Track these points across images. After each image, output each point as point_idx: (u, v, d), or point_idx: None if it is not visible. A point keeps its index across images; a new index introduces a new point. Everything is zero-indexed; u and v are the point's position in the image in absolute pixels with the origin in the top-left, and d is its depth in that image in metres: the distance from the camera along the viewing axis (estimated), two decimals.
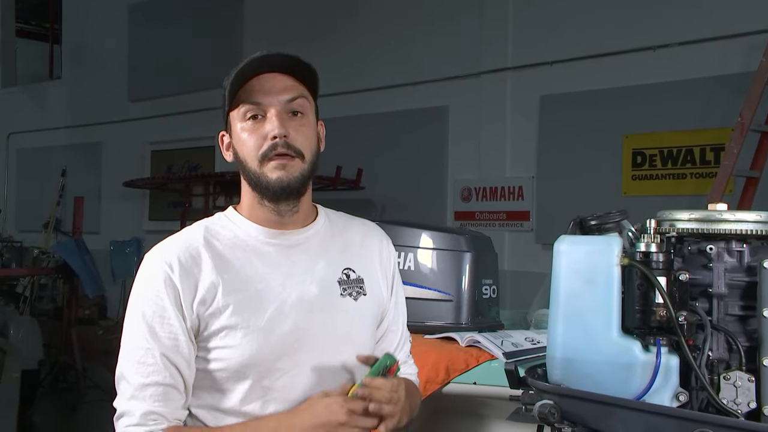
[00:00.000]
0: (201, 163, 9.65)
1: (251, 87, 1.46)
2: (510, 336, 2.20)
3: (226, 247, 1.48)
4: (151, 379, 1.39)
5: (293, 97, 1.47)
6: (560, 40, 6.58)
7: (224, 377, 1.43)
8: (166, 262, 1.43)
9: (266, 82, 1.46)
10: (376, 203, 7.76)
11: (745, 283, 1.25)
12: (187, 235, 1.50)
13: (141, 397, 1.38)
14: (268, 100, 1.45)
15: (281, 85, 1.47)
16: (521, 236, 6.87)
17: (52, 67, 13.29)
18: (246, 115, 1.46)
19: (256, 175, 1.46)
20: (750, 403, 1.20)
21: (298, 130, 1.46)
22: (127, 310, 1.46)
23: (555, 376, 1.32)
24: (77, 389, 7.00)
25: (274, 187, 1.45)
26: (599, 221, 1.35)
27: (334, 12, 8.17)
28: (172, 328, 1.41)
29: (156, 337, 1.40)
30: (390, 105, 7.66)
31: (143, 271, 1.46)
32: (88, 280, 7.01)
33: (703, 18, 5.80)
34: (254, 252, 1.49)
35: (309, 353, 1.46)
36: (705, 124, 5.79)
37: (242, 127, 1.47)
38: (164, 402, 1.39)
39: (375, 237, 1.66)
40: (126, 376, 1.41)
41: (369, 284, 1.57)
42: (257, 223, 1.51)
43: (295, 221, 1.53)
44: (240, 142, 1.48)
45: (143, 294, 1.44)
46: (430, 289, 2.33)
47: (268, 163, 1.45)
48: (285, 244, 1.51)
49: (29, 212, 11.65)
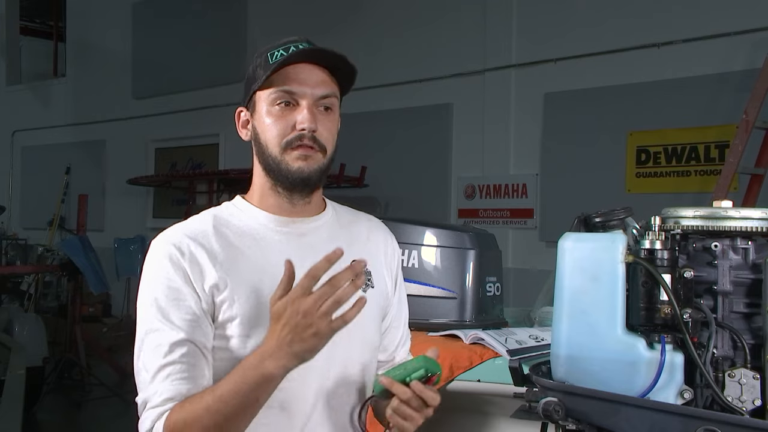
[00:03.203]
0: (205, 161, 9.67)
1: (287, 74, 1.44)
2: (514, 333, 2.20)
3: (236, 234, 1.46)
4: (168, 359, 1.35)
5: (326, 94, 1.46)
6: (564, 37, 6.57)
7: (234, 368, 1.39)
8: (175, 245, 1.41)
9: (303, 72, 1.45)
10: (379, 200, 7.76)
11: (750, 281, 1.24)
12: (195, 222, 1.48)
13: (160, 377, 1.34)
14: (302, 91, 1.44)
15: (318, 79, 1.45)
16: (525, 234, 6.86)
17: (56, 64, 13.32)
18: (276, 101, 1.45)
19: (276, 162, 1.45)
20: (755, 401, 1.20)
21: (325, 126, 1.46)
22: (139, 298, 1.42)
23: (559, 374, 1.32)
24: (81, 386, 7.02)
25: (293, 177, 1.45)
26: (604, 218, 1.34)
27: (338, 9, 8.17)
28: (188, 309, 1.37)
29: (171, 320, 1.36)
30: (394, 102, 7.66)
31: (151, 257, 1.42)
32: (93, 277, 7.02)
33: (708, 15, 5.79)
34: (265, 240, 1.48)
35: None
36: (709, 122, 5.78)
37: (269, 111, 1.45)
38: (185, 380, 1.35)
39: (380, 232, 1.66)
40: (145, 364, 1.37)
41: (375, 277, 1.57)
42: (267, 210, 1.50)
43: (306, 211, 1.52)
44: (263, 125, 1.46)
45: (154, 279, 1.40)
46: (434, 287, 2.33)
47: (291, 152, 1.44)
48: (295, 232, 1.50)
49: (34, 210, 11.69)
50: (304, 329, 1.25)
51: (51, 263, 8.42)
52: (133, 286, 9.34)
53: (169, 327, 1.36)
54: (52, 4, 13.15)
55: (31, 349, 5.69)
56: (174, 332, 1.36)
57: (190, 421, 1.31)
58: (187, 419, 1.31)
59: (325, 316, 1.25)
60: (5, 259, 9.39)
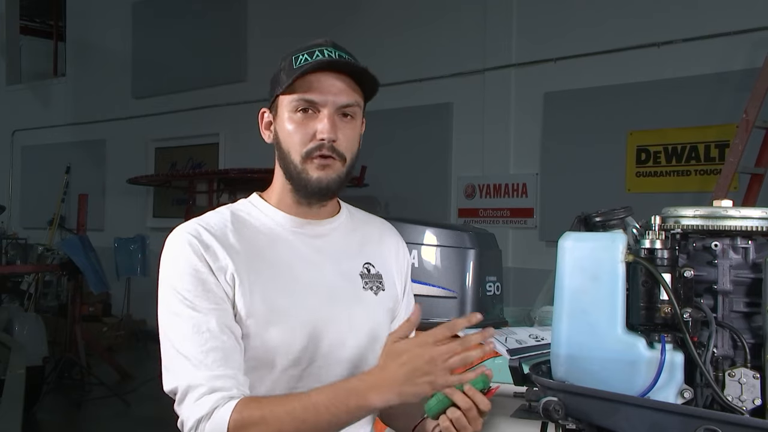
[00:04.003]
0: (205, 160, 9.68)
1: (309, 81, 1.44)
2: (514, 333, 2.20)
3: (252, 232, 1.47)
4: (210, 345, 1.34)
5: (348, 103, 1.46)
6: (564, 37, 6.57)
7: (250, 366, 1.41)
8: (195, 236, 1.41)
9: (326, 80, 1.44)
10: (379, 200, 7.76)
11: (750, 280, 1.24)
12: (214, 217, 1.48)
13: (205, 364, 1.33)
14: (323, 100, 1.44)
15: (339, 88, 1.45)
16: (525, 233, 6.87)
17: (56, 64, 13.32)
18: (297, 108, 1.45)
19: (297, 171, 1.46)
20: (755, 400, 1.19)
21: (345, 134, 1.46)
22: (162, 292, 1.40)
23: (559, 373, 1.32)
24: (81, 386, 7.02)
25: (312, 186, 1.46)
26: (604, 218, 1.34)
27: (338, 9, 8.17)
28: (216, 296, 1.37)
29: (203, 307, 1.36)
30: (394, 102, 7.65)
31: (172, 249, 1.41)
32: (93, 277, 7.02)
33: (708, 14, 5.79)
34: (280, 240, 1.49)
35: (332, 343, 1.46)
36: (709, 121, 5.78)
37: (290, 118, 1.46)
38: (227, 365, 1.34)
39: (392, 236, 1.68)
40: (182, 353, 1.35)
41: (387, 280, 1.58)
42: (285, 211, 1.51)
43: (321, 213, 1.54)
44: (285, 131, 1.47)
45: (178, 270, 1.39)
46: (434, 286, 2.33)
47: (312, 162, 1.45)
48: (310, 233, 1.52)
49: (34, 209, 11.69)
50: (422, 374, 1.27)
51: (51, 263, 8.43)
52: (134, 286, 9.39)
53: (205, 314, 1.36)
54: (52, 3, 13.15)
55: (31, 349, 5.69)
56: (210, 318, 1.36)
57: (269, 419, 1.30)
58: (267, 417, 1.30)
59: (447, 369, 1.28)
60: (5, 258, 9.41)
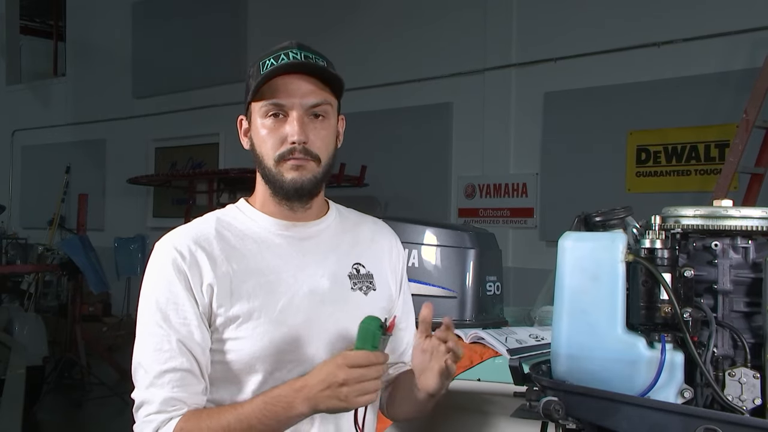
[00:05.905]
0: (205, 160, 9.67)
1: (276, 85, 1.45)
2: (514, 333, 2.20)
3: (238, 238, 1.49)
4: (168, 365, 1.38)
5: (316, 102, 1.47)
6: (564, 36, 6.57)
7: (237, 369, 1.43)
8: (177, 249, 1.44)
9: (292, 82, 1.45)
10: (379, 200, 7.76)
11: (750, 280, 1.24)
12: (199, 225, 1.50)
13: (159, 384, 1.38)
14: (290, 102, 1.45)
15: (306, 89, 1.46)
16: (525, 233, 6.86)
17: (56, 64, 13.32)
18: (267, 113, 1.46)
19: (272, 174, 1.47)
20: (755, 400, 1.19)
21: (317, 134, 1.47)
22: (141, 299, 1.45)
23: (559, 373, 1.32)
24: (81, 386, 7.02)
25: (288, 187, 1.47)
26: (604, 218, 1.34)
27: (338, 9, 8.17)
28: (186, 314, 1.41)
29: (170, 323, 1.40)
30: (394, 102, 7.66)
31: (154, 259, 1.46)
32: (93, 277, 7.02)
33: (708, 14, 5.79)
34: (266, 244, 1.49)
35: (319, 346, 1.47)
36: (710, 121, 5.78)
37: (262, 124, 1.47)
38: (183, 387, 1.38)
39: (385, 235, 1.68)
40: (143, 365, 1.40)
41: (378, 280, 1.59)
42: (270, 215, 1.52)
43: (308, 215, 1.54)
44: (258, 137, 1.48)
45: (155, 282, 1.43)
46: (434, 286, 2.32)
47: (284, 164, 1.46)
48: (297, 236, 1.52)
49: (34, 209, 11.69)
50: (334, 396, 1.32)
51: (51, 263, 8.43)
52: (133, 286, 9.38)
53: (170, 332, 1.40)
54: (52, 3, 13.15)
55: (31, 349, 5.70)
56: (174, 337, 1.39)
57: None
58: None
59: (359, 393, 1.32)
60: (5, 258, 9.41)
